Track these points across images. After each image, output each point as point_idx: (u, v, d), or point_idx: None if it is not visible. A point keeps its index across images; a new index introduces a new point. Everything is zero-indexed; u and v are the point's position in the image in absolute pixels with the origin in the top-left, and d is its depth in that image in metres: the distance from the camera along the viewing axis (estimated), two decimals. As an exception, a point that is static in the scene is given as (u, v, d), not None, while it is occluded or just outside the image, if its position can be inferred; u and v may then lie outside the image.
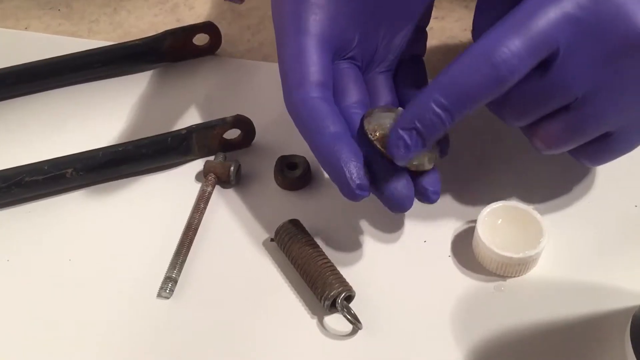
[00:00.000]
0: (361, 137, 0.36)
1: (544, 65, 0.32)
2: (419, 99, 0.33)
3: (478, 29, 0.35)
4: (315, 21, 0.36)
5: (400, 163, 0.34)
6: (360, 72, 0.40)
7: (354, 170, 0.34)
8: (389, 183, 0.35)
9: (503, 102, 0.33)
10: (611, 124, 0.33)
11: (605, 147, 0.35)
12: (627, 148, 0.35)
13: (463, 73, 0.31)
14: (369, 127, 0.36)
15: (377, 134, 0.35)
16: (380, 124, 0.36)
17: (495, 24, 0.32)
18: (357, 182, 0.34)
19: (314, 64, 0.36)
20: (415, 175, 0.36)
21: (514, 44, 0.31)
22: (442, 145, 0.37)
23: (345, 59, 0.39)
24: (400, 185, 0.35)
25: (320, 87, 0.36)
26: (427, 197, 0.36)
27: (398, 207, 0.35)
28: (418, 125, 0.32)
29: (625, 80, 0.32)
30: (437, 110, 0.32)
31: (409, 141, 0.33)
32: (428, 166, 0.36)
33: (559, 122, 0.34)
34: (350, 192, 0.34)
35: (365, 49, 0.39)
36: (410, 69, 0.41)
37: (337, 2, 0.37)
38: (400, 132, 0.33)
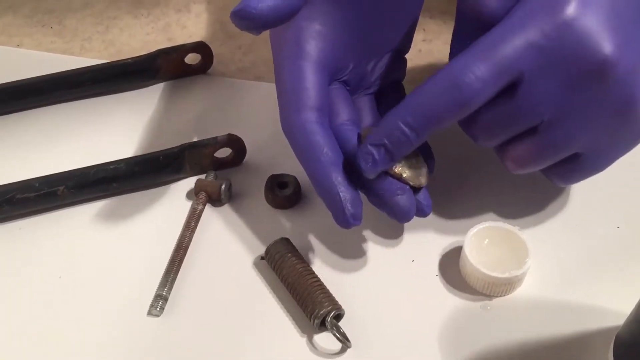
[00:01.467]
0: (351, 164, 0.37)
1: (510, 90, 0.33)
2: (388, 118, 0.34)
3: (453, 55, 0.36)
4: (316, 47, 0.38)
5: (370, 176, 0.35)
6: (349, 94, 0.41)
7: (349, 199, 0.35)
8: (394, 195, 0.36)
9: (473, 123, 0.35)
10: (578, 146, 0.34)
11: (575, 167, 0.36)
12: (597, 168, 0.36)
13: (430, 94, 0.33)
14: None
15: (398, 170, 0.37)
16: None
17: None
18: (352, 211, 0.35)
19: (312, 88, 0.37)
20: (414, 191, 0.37)
21: (478, 69, 0.32)
22: (429, 165, 0.39)
23: (337, 81, 0.40)
24: (407, 195, 0.37)
25: (317, 111, 0.37)
26: (422, 211, 0.38)
27: (405, 215, 0.37)
28: (386, 142, 0.34)
29: (589, 105, 0.33)
30: (405, 128, 0.34)
31: (376, 156, 0.35)
32: (425, 182, 0.37)
33: (527, 144, 0.35)
34: (344, 221, 0.36)
35: (356, 74, 0.40)
36: (392, 92, 0.42)
37: (338, 31, 0.38)
38: (369, 147, 0.35)
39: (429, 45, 0.52)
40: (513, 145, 0.35)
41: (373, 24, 0.40)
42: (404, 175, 0.36)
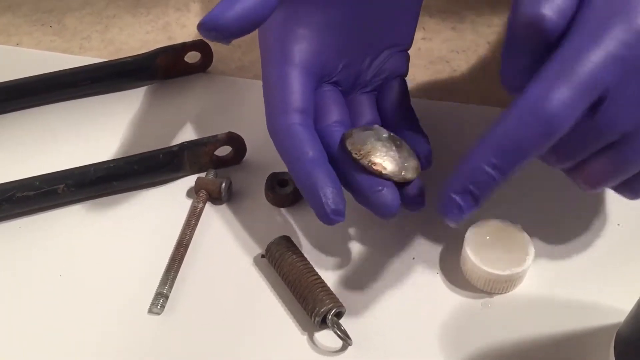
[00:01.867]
0: (343, 156, 0.37)
1: (591, 108, 0.30)
2: (469, 160, 0.31)
3: (507, 76, 0.33)
4: (300, 51, 0.38)
5: (454, 225, 0.33)
6: (342, 95, 0.41)
7: (330, 196, 0.35)
8: (374, 191, 0.36)
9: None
10: None
11: None
12: None
13: (512, 129, 0.30)
14: (352, 147, 0.37)
15: (362, 153, 0.36)
16: (363, 142, 0.37)
17: (531, 70, 0.31)
18: (333, 207, 0.35)
19: (296, 92, 0.37)
20: (400, 186, 0.37)
21: (562, 94, 0.29)
22: (424, 157, 0.39)
23: (328, 83, 0.40)
24: (387, 191, 0.36)
25: (301, 114, 0.37)
26: (413, 204, 0.37)
27: (385, 211, 0.36)
28: (471, 187, 0.31)
29: None
30: (489, 170, 0.31)
31: (462, 204, 0.32)
32: (411, 176, 0.37)
33: (603, 161, 0.32)
34: (325, 217, 0.35)
35: (348, 74, 0.40)
36: (393, 89, 0.42)
37: (322, 33, 0.38)
38: (453, 196, 0.32)
39: (429, 43, 0.52)
40: (587, 164, 0.33)
41: (363, 23, 0.39)
42: (385, 172, 0.36)
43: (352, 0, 0.38)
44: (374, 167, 0.36)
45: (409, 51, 0.43)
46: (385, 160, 0.36)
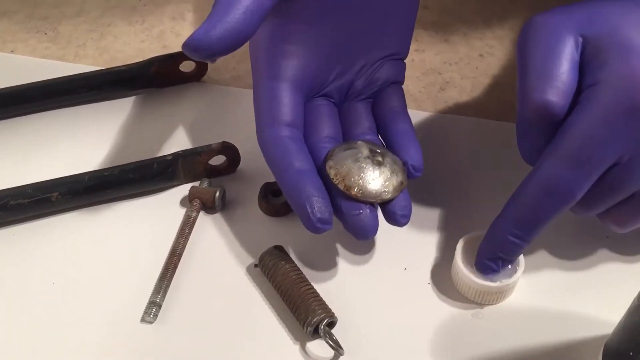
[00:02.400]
0: (325, 177, 0.37)
1: (610, 169, 0.33)
2: (495, 231, 0.36)
3: (524, 149, 0.36)
4: (288, 67, 0.38)
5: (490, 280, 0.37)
6: (335, 106, 0.41)
7: (316, 205, 0.36)
8: (352, 215, 0.37)
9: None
10: None
11: None
12: None
13: (531, 205, 0.34)
14: (330, 171, 0.37)
15: (339, 176, 0.37)
16: (341, 165, 0.37)
17: (544, 147, 0.34)
18: (318, 215, 0.36)
19: (285, 106, 0.38)
20: (383, 204, 0.38)
21: (571, 175, 0.33)
22: (413, 167, 0.39)
23: (319, 96, 0.40)
24: (364, 215, 0.37)
25: (290, 127, 0.38)
26: (395, 221, 0.38)
27: (362, 235, 0.37)
28: (500, 254, 0.36)
29: None
30: (514, 240, 0.35)
31: (495, 267, 0.37)
32: (391, 196, 0.37)
33: (627, 208, 0.35)
34: (311, 226, 0.36)
35: (339, 85, 0.41)
36: (389, 96, 0.42)
37: (310, 47, 0.39)
38: (487, 262, 0.37)
39: (422, 55, 0.53)
40: (613, 210, 0.36)
41: (352, 35, 0.40)
42: (361, 196, 0.37)
43: (340, 14, 0.39)
44: (351, 192, 0.37)
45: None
46: (362, 183, 0.37)
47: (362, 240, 0.37)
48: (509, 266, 0.37)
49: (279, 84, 0.38)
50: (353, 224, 0.37)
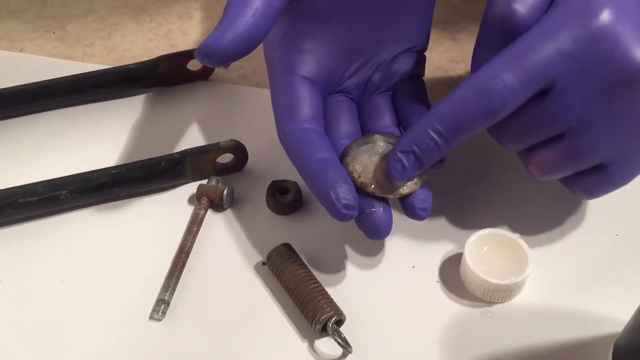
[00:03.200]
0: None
1: (541, 95, 0.33)
2: (417, 125, 0.35)
3: (477, 62, 0.36)
4: (305, 64, 0.38)
5: (398, 183, 0.36)
6: (354, 102, 0.41)
7: (340, 191, 0.35)
8: (365, 213, 0.36)
9: (500, 126, 0.35)
10: (605, 155, 0.34)
11: (599, 178, 0.35)
12: (620, 182, 0.36)
13: (459, 102, 0.33)
14: (347, 168, 0.37)
15: (355, 172, 0.37)
16: (358, 160, 0.37)
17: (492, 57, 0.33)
18: (343, 202, 0.35)
19: (304, 102, 0.38)
20: (402, 198, 0.37)
21: (508, 77, 0.32)
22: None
23: (337, 92, 0.40)
24: (377, 213, 0.36)
25: (311, 121, 0.38)
26: (415, 214, 0.37)
27: (374, 234, 0.37)
28: (415, 148, 0.35)
29: (620, 113, 0.33)
30: (434, 136, 0.34)
31: (406, 163, 0.35)
32: (409, 190, 0.37)
33: (553, 150, 0.35)
34: (337, 213, 0.35)
35: (357, 81, 0.41)
36: (410, 89, 0.42)
37: (326, 45, 0.39)
38: (399, 154, 0.35)
39: (429, 53, 0.52)
40: (539, 150, 0.35)
41: (367, 30, 0.40)
42: (378, 193, 0.36)
43: (354, 9, 0.39)
44: (368, 189, 0.36)
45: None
46: (378, 179, 0.36)
47: (374, 239, 0.37)
48: (416, 177, 0.36)
49: (297, 80, 0.38)
50: (365, 222, 0.36)
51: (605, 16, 0.32)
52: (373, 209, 0.36)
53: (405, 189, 0.37)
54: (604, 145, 0.34)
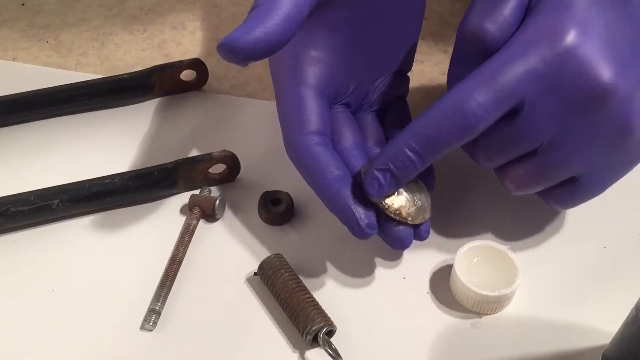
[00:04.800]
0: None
1: (511, 114, 0.34)
2: (393, 143, 0.35)
3: (452, 78, 0.37)
4: (314, 73, 0.38)
5: (374, 199, 0.36)
6: (353, 115, 0.42)
7: (362, 211, 0.36)
8: (392, 225, 0.37)
9: (474, 145, 0.36)
10: (576, 169, 0.35)
11: (572, 191, 0.36)
12: (593, 193, 0.37)
13: (434, 121, 0.34)
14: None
15: (385, 204, 0.37)
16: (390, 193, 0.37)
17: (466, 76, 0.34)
18: (366, 221, 0.36)
19: (313, 113, 0.38)
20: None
21: (481, 97, 0.33)
22: (428, 182, 0.40)
23: (340, 104, 0.41)
24: (403, 228, 0.37)
25: (320, 134, 0.38)
26: (420, 236, 0.39)
27: (400, 245, 0.38)
28: (391, 166, 0.35)
29: (587, 129, 0.34)
30: (409, 154, 0.35)
31: (382, 181, 0.35)
32: (428, 216, 0.38)
33: (526, 166, 0.35)
34: (360, 232, 0.36)
35: (358, 95, 0.41)
36: (396, 109, 0.43)
37: (334, 55, 0.39)
38: (375, 172, 0.35)
39: (421, 65, 0.53)
40: (512, 166, 0.36)
41: (371, 45, 0.40)
42: (409, 220, 0.37)
43: (360, 22, 0.39)
44: (397, 217, 0.37)
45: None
46: (406, 207, 0.37)
47: (398, 249, 0.39)
48: (392, 188, 0.36)
49: (305, 90, 0.38)
50: (392, 235, 0.37)
51: (572, 37, 0.32)
52: (397, 223, 0.37)
53: (427, 215, 0.38)
54: (574, 160, 0.35)
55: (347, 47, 0.39)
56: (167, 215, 0.43)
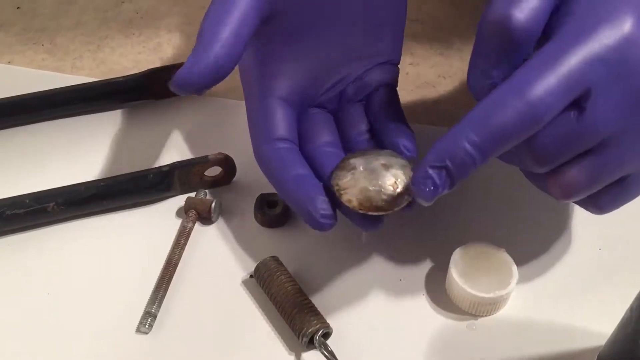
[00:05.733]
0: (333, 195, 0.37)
1: (573, 106, 0.31)
2: (450, 136, 0.31)
3: (475, 73, 0.34)
4: (278, 84, 0.39)
5: (426, 203, 0.32)
6: (330, 114, 0.42)
7: (317, 203, 0.35)
8: (351, 214, 0.36)
9: (528, 147, 0.32)
10: (629, 168, 0.33)
11: (618, 193, 0.34)
12: (636, 194, 0.35)
13: (497, 110, 0.30)
14: (343, 199, 0.36)
15: (342, 189, 0.36)
16: (343, 178, 0.37)
17: (494, 72, 0.32)
18: (321, 212, 0.35)
19: (279, 122, 0.39)
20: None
21: (548, 82, 0.30)
22: (406, 147, 0.38)
23: (313, 106, 0.41)
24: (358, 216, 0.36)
25: (286, 140, 0.38)
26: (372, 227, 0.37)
27: (371, 228, 0.37)
28: (449, 164, 0.30)
29: None
30: (470, 149, 0.30)
31: (437, 181, 0.31)
32: (405, 203, 0.36)
33: (579, 168, 0.32)
34: (315, 222, 0.35)
35: (332, 94, 0.41)
36: (382, 98, 0.42)
37: (298, 64, 0.39)
38: (429, 171, 0.31)
39: (416, 68, 0.53)
40: (565, 169, 0.32)
41: (340, 48, 0.40)
42: (362, 209, 0.35)
43: (321, 29, 0.39)
44: (351, 205, 0.35)
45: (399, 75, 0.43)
46: (363, 195, 0.35)
47: (369, 231, 0.37)
48: (446, 190, 0.31)
49: (271, 101, 0.39)
50: (354, 222, 0.37)
51: (634, 23, 0.30)
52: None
53: (403, 203, 0.35)
54: (631, 157, 0.32)
55: (309, 53, 0.39)
56: (162, 218, 0.43)
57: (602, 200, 0.34)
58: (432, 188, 0.31)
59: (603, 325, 0.36)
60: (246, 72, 0.40)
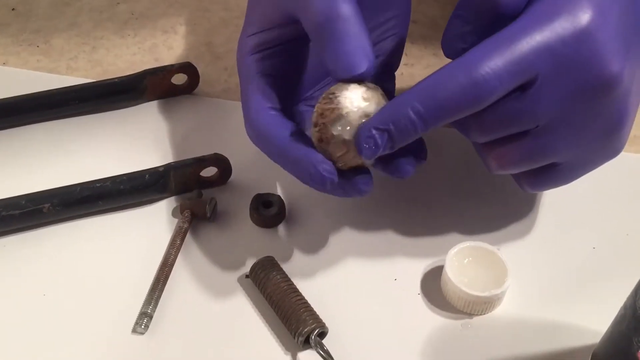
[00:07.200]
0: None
1: (518, 90, 0.33)
2: (395, 102, 0.33)
3: (451, 38, 0.35)
4: (270, 96, 0.37)
5: (367, 160, 0.34)
6: None
7: (317, 158, 0.34)
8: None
9: (471, 118, 0.34)
10: (561, 156, 0.35)
11: (549, 176, 0.36)
12: (567, 180, 0.37)
13: (444, 85, 0.32)
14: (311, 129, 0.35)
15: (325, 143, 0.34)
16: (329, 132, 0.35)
17: (470, 36, 0.33)
18: (324, 165, 0.33)
19: (269, 95, 0.37)
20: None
21: (496, 65, 0.31)
22: (419, 151, 0.37)
23: (304, 104, 0.41)
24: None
25: (276, 109, 0.37)
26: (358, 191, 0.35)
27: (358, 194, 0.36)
28: (391, 127, 0.32)
29: (585, 117, 0.33)
30: (413, 116, 0.32)
31: (379, 141, 0.32)
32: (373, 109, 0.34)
33: (515, 145, 0.34)
34: (318, 177, 0.33)
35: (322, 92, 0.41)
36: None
37: (285, 70, 0.38)
38: (373, 131, 0.32)
39: (411, 69, 0.53)
40: (500, 145, 0.35)
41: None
42: (342, 165, 0.34)
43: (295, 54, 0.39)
44: (339, 155, 0.34)
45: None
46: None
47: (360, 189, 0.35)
48: (387, 151, 0.33)
49: (263, 111, 0.37)
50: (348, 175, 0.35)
51: (589, 17, 0.31)
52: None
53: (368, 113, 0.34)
54: (564, 146, 0.34)
55: (307, 63, 0.39)
56: (158, 219, 0.43)
57: (533, 180, 0.37)
58: (373, 147, 0.33)
59: (597, 323, 0.36)
60: (240, 77, 0.39)
